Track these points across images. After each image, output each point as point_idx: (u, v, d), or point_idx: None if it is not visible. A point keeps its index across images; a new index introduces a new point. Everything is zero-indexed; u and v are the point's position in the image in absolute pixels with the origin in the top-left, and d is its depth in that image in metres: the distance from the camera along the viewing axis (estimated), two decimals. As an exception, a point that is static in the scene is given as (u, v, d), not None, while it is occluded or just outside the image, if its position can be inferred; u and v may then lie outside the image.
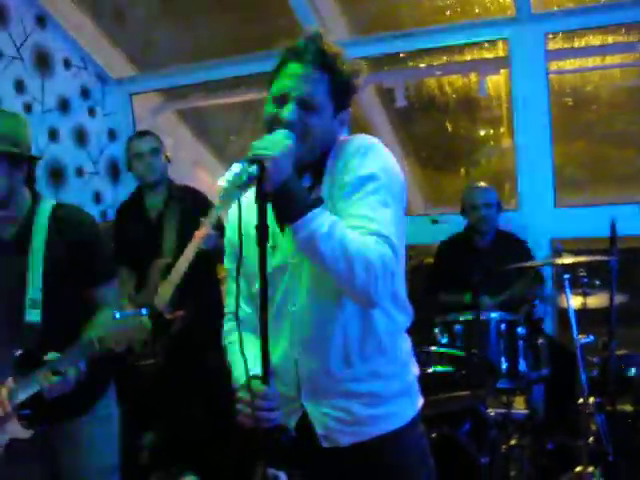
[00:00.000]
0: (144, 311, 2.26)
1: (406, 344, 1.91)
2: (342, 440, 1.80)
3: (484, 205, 4.10)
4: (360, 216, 1.63)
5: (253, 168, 1.53)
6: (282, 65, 1.76)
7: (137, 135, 3.94)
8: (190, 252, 3.39)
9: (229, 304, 1.99)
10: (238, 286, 1.64)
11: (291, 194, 1.58)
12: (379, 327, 1.79)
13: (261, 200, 1.56)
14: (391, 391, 1.82)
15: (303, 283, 1.74)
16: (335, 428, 1.80)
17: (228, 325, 1.97)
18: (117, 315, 2.22)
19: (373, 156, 1.73)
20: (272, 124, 1.71)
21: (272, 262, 1.74)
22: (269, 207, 1.60)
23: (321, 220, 1.57)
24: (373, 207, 1.64)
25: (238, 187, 1.51)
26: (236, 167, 1.53)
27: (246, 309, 1.92)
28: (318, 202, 1.62)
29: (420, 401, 1.92)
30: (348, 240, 1.56)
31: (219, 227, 3.32)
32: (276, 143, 1.59)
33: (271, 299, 1.78)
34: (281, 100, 1.72)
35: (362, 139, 1.79)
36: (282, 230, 1.76)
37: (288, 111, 1.69)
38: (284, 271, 1.76)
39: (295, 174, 1.61)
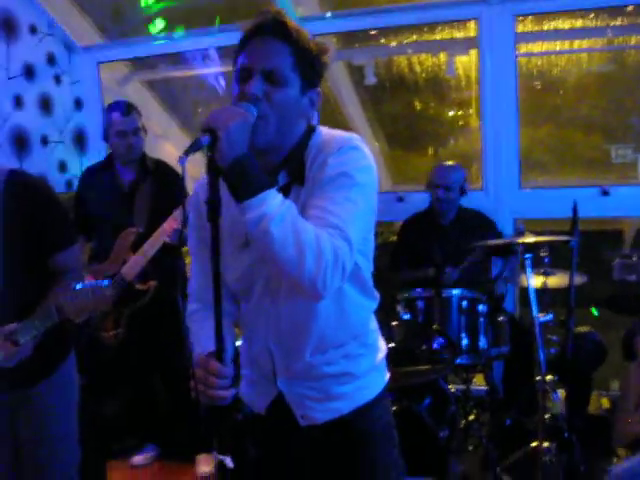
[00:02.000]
0: (106, 282, 2.23)
1: (374, 324, 1.94)
2: (318, 417, 1.83)
3: (444, 187, 4.08)
4: (321, 208, 1.59)
5: (204, 137, 1.48)
6: (244, 42, 1.70)
7: (120, 110, 3.74)
8: (156, 244, 3.39)
9: (192, 285, 1.96)
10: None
11: (244, 171, 1.51)
12: (352, 316, 1.81)
13: (212, 173, 1.51)
14: (362, 369, 1.86)
15: (281, 277, 1.69)
16: (311, 407, 1.83)
17: (192, 307, 1.95)
18: (78, 286, 2.18)
19: (353, 156, 1.66)
20: (239, 101, 1.64)
21: (249, 257, 1.72)
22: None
23: (274, 202, 1.51)
24: (337, 202, 1.59)
25: (186, 153, 1.47)
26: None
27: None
28: (273, 184, 1.58)
29: (387, 375, 1.96)
30: (301, 227, 1.52)
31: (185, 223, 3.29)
32: (234, 114, 1.54)
33: (249, 292, 1.79)
34: (245, 74, 1.65)
35: (346, 139, 1.70)
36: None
37: (251, 85, 1.63)
38: (261, 266, 1.72)
39: (251, 152, 1.55)
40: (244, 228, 1.57)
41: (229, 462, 1.76)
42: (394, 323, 3.46)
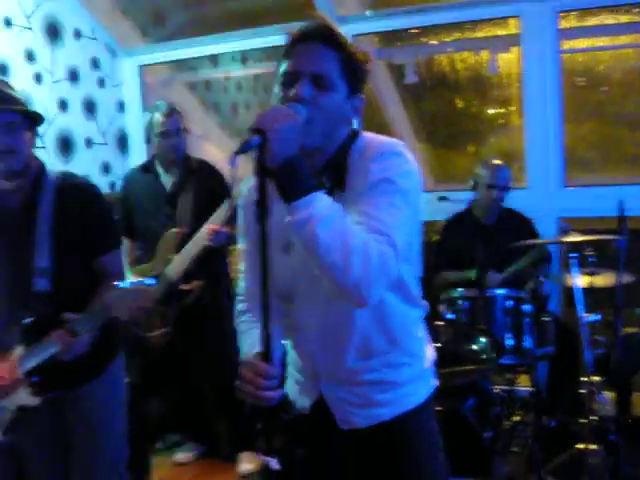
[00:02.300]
0: (148, 281, 2.27)
1: (421, 333, 1.90)
2: (359, 422, 1.82)
3: (501, 188, 4.00)
4: (365, 213, 1.56)
5: (255, 138, 1.46)
6: (290, 48, 1.69)
7: (162, 112, 3.73)
8: (199, 244, 3.42)
9: (241, 286, 1.97)
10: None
11: (293, 172, 1.49)
12: (393, 324, 1.78)
13: (260, 174, 1.49)
14: (405, 378, 1.83)
15: (322, 282, 1.64)
16: (351, 412, 1.81)
17: (240, 306, 1.96)
18: (120, 285, 2.22)
19: (395, 162, 1.64)
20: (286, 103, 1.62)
21: (291, 260, 1.72)
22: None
23: (322, 204, 1.49)
24: (381, 207, 1.57)
25: (236, 154, 1.44)
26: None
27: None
28: (321, 187, 1.57)
29: (434, 382, 1.93)
30: (349, 231, 1.49)
31: (230, 222, 3.31)
32: (283, 115, 1.51)
33: (291, 295, 1.79)
34: (292, 78, 1.64)
35: (388, 144, 1.69)
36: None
37: (300, 88, 1.62)
38: (303, 269, 1.69)
39: (300, 154, 1.52)
40: (287, 231, 1.55)
41: (274, 464, 1.75)
42: (438, 323, 3.44)
